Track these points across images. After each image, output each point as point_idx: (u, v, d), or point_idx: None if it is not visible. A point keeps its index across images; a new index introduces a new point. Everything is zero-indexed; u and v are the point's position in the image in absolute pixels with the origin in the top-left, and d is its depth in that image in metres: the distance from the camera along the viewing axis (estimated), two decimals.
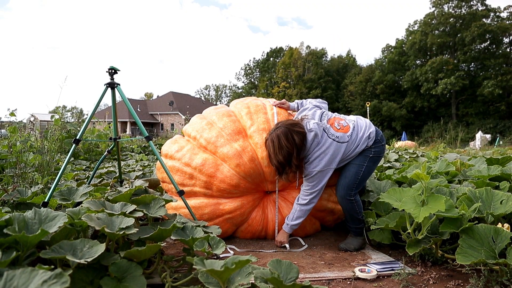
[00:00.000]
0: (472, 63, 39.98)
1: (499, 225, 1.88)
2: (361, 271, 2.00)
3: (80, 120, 7.81)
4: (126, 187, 2.97)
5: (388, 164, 4.85)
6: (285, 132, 2.31)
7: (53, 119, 5.62)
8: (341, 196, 2.51)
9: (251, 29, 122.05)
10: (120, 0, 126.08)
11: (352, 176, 2.49)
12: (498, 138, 20.86)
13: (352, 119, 2.59)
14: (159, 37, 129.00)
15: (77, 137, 2.54)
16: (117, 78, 2.65)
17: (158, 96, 53.41)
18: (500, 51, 38.67)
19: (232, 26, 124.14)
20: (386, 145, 14.40)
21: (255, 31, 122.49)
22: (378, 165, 4.68)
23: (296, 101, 2.81)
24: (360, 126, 2.53)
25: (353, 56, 56.42)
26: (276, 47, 57.67)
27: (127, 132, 36.01)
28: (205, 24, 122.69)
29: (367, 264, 2.18)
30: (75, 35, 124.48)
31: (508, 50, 39.57)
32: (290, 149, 2.30)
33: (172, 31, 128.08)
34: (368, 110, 16.64)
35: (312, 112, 2.56)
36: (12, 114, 5.27)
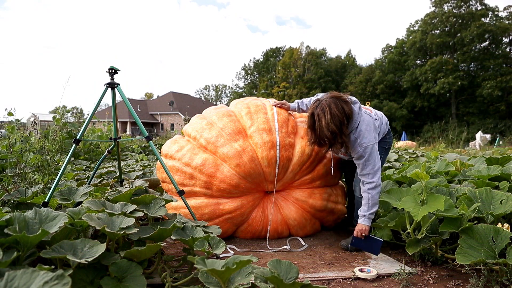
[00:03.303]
0: (472, 63, 39.92)
1: (499, 225, 1.89)
2: (361, 271, 2.00)
3: (80, 120, 7.81)
4: (126, 187, 2.98)
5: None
6: (334, 101, 2.29)
7: (53, 119, 5.63)
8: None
9: (249, 28, 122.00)
10: (119, 0, 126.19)
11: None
12: (498, 138, 20.85)
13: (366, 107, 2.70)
14: (158, 37, 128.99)
15: (77, 137, 2.54)
16: (117, 78, 2.66)
17: (158, 96, 53.44)
18: (500, 51, 38.63)
19: (230, 25, 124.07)
20: None
21: (254, 30, 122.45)
22: None
23: (297, 100, 2.83)
24: (376, 112, 2.64)
25: (353, 56, 56.42)
26: (276, 47, 57.68)
27: (127, 132, 35.99)
28: (203, 23, 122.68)
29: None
30: (74, 35, 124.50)
31: (507, 50, 39.53)
32: (341, 118, 2.27)
33: (171, 31, 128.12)
34: None
35: None
36: (10, 113, 5.27)
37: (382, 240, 2.29)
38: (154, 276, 1.82)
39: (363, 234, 2.35)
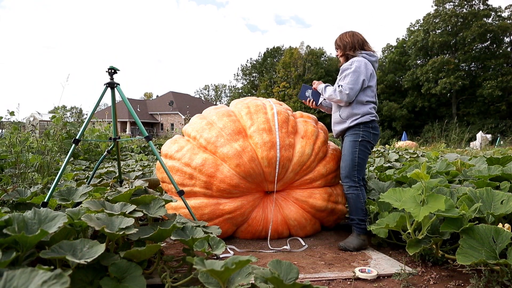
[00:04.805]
0: (473, 63, 39.81)
1: (500, 225, 1.88)
2: (361, 271, 2.00)
3: (79, 120, 7.81)
4: (125, 187, 2.97)
5: (389, 164, 4.85)
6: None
7: (52, 119, 5.62)
8: (346, 185, 2.60)
9: (249, 28, 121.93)
10: (119, 0, 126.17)
11: (349, 164, 2.60)
12: (499, 138, 20.83)
13: None
14: (157, 37, 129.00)
15: (77, 137, 2.53)
16: (116, 78, 2.65)
17: (157, 96, 53.42)
18: (501, 51, 38.53)
19: (230, 25, 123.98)
20: (387, 145, 14.41)
21: (253, 30, 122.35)
22: (379, 165, 4.68)
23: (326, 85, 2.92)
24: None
25: None
26: (274, 47, 57.61)
27: (127, 132, 36.00)
28: (202, 23, 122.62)
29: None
30: (74, 35, 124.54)
31: (508, 49, 39.43)
32: (356, 41, 2.75)
33: (170, 30, 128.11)
34: None
35: None
36: (11, 113, 5.27)
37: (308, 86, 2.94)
38: (154, 277, 1.81)
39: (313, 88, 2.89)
